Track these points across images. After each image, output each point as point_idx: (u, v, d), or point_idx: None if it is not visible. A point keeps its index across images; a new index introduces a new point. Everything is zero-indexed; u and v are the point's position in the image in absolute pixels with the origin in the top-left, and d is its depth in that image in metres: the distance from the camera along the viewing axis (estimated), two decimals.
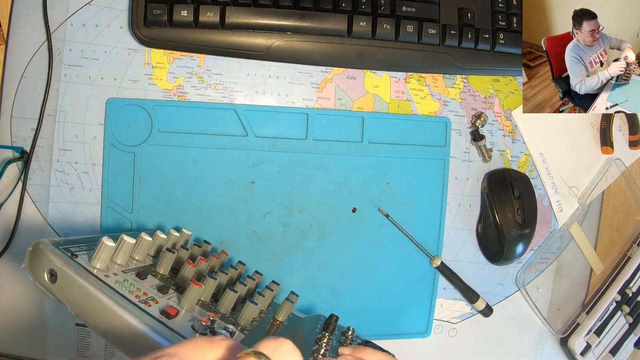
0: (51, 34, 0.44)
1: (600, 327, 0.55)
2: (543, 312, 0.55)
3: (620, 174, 0.55)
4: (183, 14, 0.43)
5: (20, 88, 0.44)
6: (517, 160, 0.53)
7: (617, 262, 0.57)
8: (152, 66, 0.45)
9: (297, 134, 0.48)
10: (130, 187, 0.45)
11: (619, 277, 0.56)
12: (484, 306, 0.52)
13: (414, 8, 0.47)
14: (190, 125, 0.46)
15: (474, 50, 0.49)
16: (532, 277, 0.54)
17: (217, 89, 0.47)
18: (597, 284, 0.57)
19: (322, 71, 0.48)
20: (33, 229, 0.45)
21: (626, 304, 0.55)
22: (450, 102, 0.51)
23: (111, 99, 0.45)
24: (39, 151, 0.45)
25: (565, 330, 0.55)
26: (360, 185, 0.49)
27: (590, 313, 0.55)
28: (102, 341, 0.46)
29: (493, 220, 0.50)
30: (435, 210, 0.51)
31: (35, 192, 0.45)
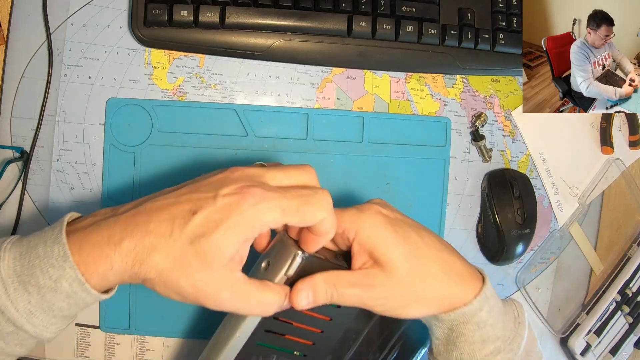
0: (51, 34, 0.44)
1: (600, 327, 0.55)
2: (543, 312, 0.55)
3: (620, 174, 0.55)
4: (183, 14, 0.43)
5: (20, 88, 0.44)
6: (517, 160, 0.53)
7: (617, 262, 0.57)
8: (152, 66, 0.45)
9: (297, 134, 0.48)
10: (130, 187, 0.45)
11: (619, 277, 0.55)
12: None
13: (414, 8, 0.47)
14: (191, 125, 0.46)
15: (474, 50, 0.49)
16: (532, 278, 0.54)
17: (217, 89, 0.47)
18: (597, 284, 0.57)
19: (322, 71, 0.48)
20: (33, 229, 0.45)
21: (626, 304, 0.55)
22: (450, 102, 0.51)
23: (111, 99, 0.45)
24: (39, 151, 0.45)
25: (565, 330, 0.55)
26: (360, 185, 0.49)
27: (590, 313, 0.55)
28: (102, 341, 0.46)
29: (493, 221, 0.50)
30: (436, 210, 0.51)
31: (35, 192, 0.45)
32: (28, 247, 0.29)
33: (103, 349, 0.46)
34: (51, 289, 0.29)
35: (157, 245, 0.28)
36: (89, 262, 0.28)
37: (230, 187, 0.29)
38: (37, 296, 0.29)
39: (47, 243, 0.29)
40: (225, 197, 0.29)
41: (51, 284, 0.28)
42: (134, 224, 0.29)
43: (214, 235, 0.28)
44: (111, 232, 0.29)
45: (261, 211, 0.28)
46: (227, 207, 0.28)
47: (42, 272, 0.28)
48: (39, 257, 0.29)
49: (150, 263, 0.28)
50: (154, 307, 0.46)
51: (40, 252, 0.29)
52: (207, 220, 0.28)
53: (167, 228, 0.28)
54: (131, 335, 0.46)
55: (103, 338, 0.46)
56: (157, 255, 0.28)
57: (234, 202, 0.28)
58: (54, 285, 0.28)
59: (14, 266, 0.29)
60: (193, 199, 0.29)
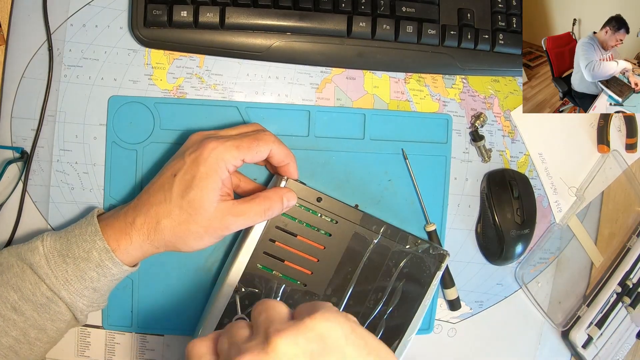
0: (51, 34, 0.44)
1: (602, 319, 0.55)
2: (543, 306, 0.55)
3: (618, 167, 0.55)
4: (183, 15, 0.43)
5: (20, 88, 0.44)
6: (517, 161, 0.53)
7: (617, 253, 0.57)
8: (152, 66, 0.45)
9: (299, 131, 0.48)
10: (132, 185, 0.45)
11: (619, 269, 0.55)
12: (455, 296, 0.51)
13: (414, 8, 0.47)
14: (193, 122, 0.46)
15: (474, 50, 0.49)
16: (532, 277, 0.54)
17: (217, 89, 0.47)
18: (598, 276, 0.57)
19: (322, 71, 0.48)
20: (33, 229, 0.45)
21: (627, 295, 0.55)
22: (449, 103, 0.51)
23: (113, 97, 0.45)
24: (39, 151, 0.45)
25: (567, 323, 0.55)
26: (362, 182, 0.49)
27: (591, 305, 0.55)
28: (103, 340, 0.46)
29: (492, 221, 0.50)
30: (437, 207, 0.51)
31: (35, 192, 0.45)
32: (66, 232, 0.38)
33: (103, 348, 0.46)
34: (84, 259, 0.36)
35: (159, 212, 0.36)
36: (112, 240, 0.36)
37: (192, 147, 0.38)
38: (73, 265, 0.36)
39: (82, 226, 0.38)
40: (191, 155, 0.37)
41: (84, 254, 0.36)
42: (141, 204, 0.37)
43: (194, 184, 0.36)
44: (126, 215, 0.37)
45: (220, 152, 0.36)
46: (194, 161, 0.37)
47: (77, 246, 0.36)
48: (75, 235, 0.37)
49: (160, 228, 0.36)
50: (156, 305, 0.46)
51: (76, 232, 0.37)
52: (184, 176, 0.36)
53: (161, 195, 0.37)
54: (131, 335, 0.46)
55: (103, 337, 0.46)
56: (163, 220, 0.36)
57: (198, 155, 0.37)
58: (86, 255, 0.36)
59: (54, 244, 0.37)
60: (170, 166, 0.38)
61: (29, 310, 0.35)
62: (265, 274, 0.42)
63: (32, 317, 0.35)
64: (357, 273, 0.44)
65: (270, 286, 0.42)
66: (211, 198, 0.36)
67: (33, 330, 0.36)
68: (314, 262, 0.43)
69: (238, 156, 0.37)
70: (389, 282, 0.44)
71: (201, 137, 0.39)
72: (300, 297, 0.43)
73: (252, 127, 0.42)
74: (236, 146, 0.37)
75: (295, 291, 0.43)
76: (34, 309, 0.35)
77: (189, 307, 0.46)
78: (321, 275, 0.43)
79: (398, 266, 0.45)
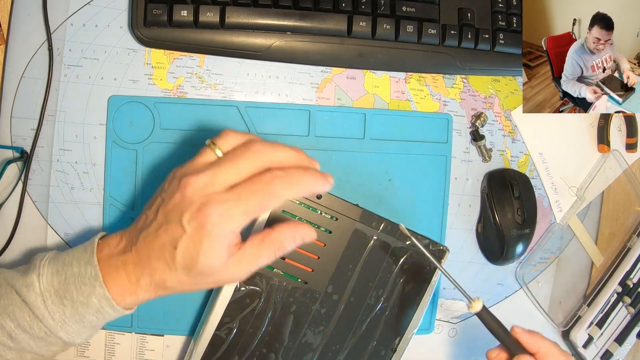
0: (51, 34, 0.44)
1: (602, 319, 0.54)
2: (544, 306, 0.55)
3: (619, 167, 0.55)
4: (183, 14, 0.43)
5: (20, 88, 0.44)
6: (517, 160, 0.53)
7: (618, 253, 0.57)
8: (152, 66, 0.45)
9: (299, 130, 0.48)
10: (132, 184, 0.45)
11: (620, 269, 0.55)
12: None
13: (414, 8, 0.47)
14: (193, 122, 0.46)
15: (474, 50, 0.49)
16: (532, 277, 0.54)
17: (217, 89, 0.47)
18: (598, 276, 0.57)
19: (322, 71, 0.48)
20: (33, 229, 0.45)
21: (627, 295, 0.55)
22: (450, 102, 0.51)
23: (113, 96, 0.45)
24: (39, 151, 0.45)
25: (567, 323, 0.55)
26: (362, 182, 0.49)
27: (591, 305, 0.55)
28: (102, 341, 0.46)
29: (493, 221, 0.50)
30: (438, 207, 0.51)
31: (35, 192, 0.45)
32: (64, 265, 0.34)
33: (103, 349, 0.46)
34: (82, 303, 0.34)
35: (165, 278, 0.33)
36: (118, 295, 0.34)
37: (188, 212, 0.32)
38: (71, 308, 0.34)
39: (80, 263, 0.34)
40: (190, 223, 0.32)
41: (83, 299, 0.33)
42: (141, 262, 0.34)
43: (199, 260, 0.32)
44: (127, 272, 0.34)
45: (225, 223, 0.32)
46: (196, 233, 0.32)
47: (75, 288, 0.33)
48: (74, 275, 0.34)
49: (169, 288, 0.34)
50: (156, 305, 0.46)
51: (75, 271, 0.34)
52: (187, 251, 0.32)
53: (164, 264, 0.33)
54: (131, 336, 0.46)
55: (103, 338, 0.46)
56: (170, 283, 0.34)
57: (199, 227, 0.32)
58: (85, 300, 0.33)
59: (52, 281, 0.34)
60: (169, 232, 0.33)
61: (25, 339, 0.34)
62: (266, 272, 0.42)
63: (29, 345, 0.34)
64: (358, 270, 0.44)
65: (271, 284, 0.42)
66: (221, 263, 0.33)
67: (29, 354, 0.35)
68: (314, 260, 0.43)
69: (246, 220, 0.33)
70: (389, 279, 0.44)
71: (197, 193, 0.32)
72: (301, 295, 0.43)
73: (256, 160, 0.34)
74: (243, 212, 0.32)
75: (296, 289, 0.43)
76: (30, 338, 0.34)
77: (189, 307, 0.46)
78: (322, 273, 0.43)
79: (398, 262, 0.45)
